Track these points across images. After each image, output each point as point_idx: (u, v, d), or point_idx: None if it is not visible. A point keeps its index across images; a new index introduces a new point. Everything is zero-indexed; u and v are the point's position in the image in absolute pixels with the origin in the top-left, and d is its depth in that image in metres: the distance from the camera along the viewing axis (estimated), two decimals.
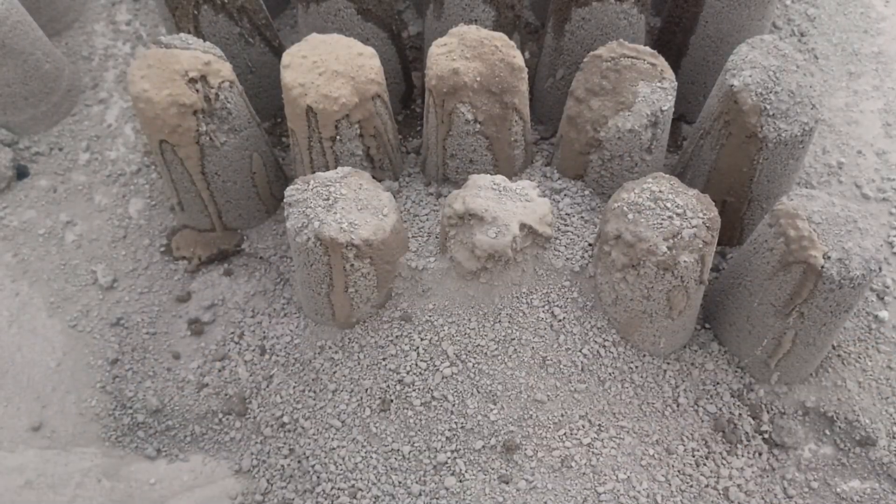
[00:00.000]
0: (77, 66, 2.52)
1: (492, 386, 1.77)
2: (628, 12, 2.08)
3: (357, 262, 1.71)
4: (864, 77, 2.46)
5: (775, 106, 1.81)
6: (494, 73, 1.88)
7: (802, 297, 1.66)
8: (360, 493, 1.72)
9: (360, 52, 1.91)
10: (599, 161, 1.97)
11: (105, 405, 2.00)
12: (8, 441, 1.94)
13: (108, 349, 2.06)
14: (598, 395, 1.79)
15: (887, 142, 2.33)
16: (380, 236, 1.71)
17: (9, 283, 2.17)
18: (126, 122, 2.43)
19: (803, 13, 2.59)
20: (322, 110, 1.85)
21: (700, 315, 1.93)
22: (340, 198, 1.72)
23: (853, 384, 1.88)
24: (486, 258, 1.75)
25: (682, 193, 1.70)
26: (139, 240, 2.22)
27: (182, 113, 1.87)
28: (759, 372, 1.87)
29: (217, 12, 2.14)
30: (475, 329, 1.80)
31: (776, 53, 1.88)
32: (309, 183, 1.75)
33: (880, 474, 1.82)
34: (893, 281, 2.05)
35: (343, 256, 1.68)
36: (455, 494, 1.71)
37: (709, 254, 1.67)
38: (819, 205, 1.67)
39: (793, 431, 1.84)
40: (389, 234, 1.73)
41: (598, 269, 1.81)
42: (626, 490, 1.71)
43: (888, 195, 2.22)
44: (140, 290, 2.14)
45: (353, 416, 1.78)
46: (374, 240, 1.70)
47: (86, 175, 2.34)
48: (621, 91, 1.89)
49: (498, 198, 1.78)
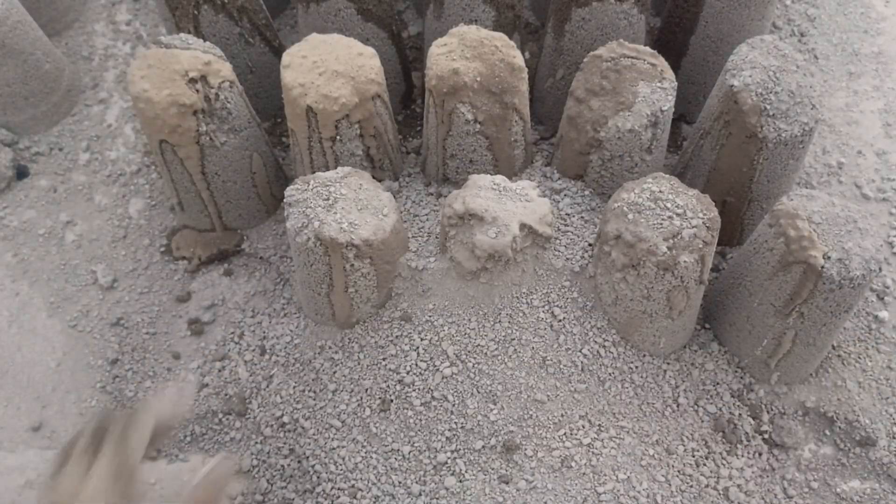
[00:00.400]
0: (77, 66, 2.52)
1: (492, 386, 1.77)
2: (628, 12, 2.07)
3: (357, 262, 1.71)
4: (864, 77, 2.46)
5: (775, 106, 1.81)
6: (494, 73, 1.87)
7: (802, 297, 1.66)
8: (360, 493, 1.72)
9: (360, 52, 1.91)
10: (599, 161, 1.97)
11: (105, 405, 2.00)
12: (8, 441, 1.94)
13: (108, 349, 2.06)
14: (598, 395, 1.79)
15: (887, 142, 2.33)
16: (380, 236, 1.71)
17: (9, 283, 2.17)
18: (126, 122, 2.43)
19: (803, 13, 2.59)
20: (322, 110, 1.85)
21: (700, 315, 1.93)
22: (340, 198, 1.72)
23: (853, 384, 1.88)
24: (486, 258, 1.75)
25: (682, 193, 1.70)
26: (139, 240, 2.22)
27: (182, 113, 1.87)
28: (759, 372, 1.87)
29: (217, 12, 2.14)
30: (475, 329, 1.80)
31: (776, 53, 1.87)
32: (309, 183, 1.75)
33: (880, 474, 1.82)
34: (893, 281, 2.05)
35: (343, 256, 1.68)
36: (455, 494, 1.71)
37: (709, 254, 1.67)
38: (819, 205, 1.67)
39: (793, 431, 1.84)
40: (389, 234, 1.73)
41: (598, 269, 1.81)
42: (626, 490, 1.71)
43: (888, 195, 2.22)
44: (140, 290, 2.14)
45: (353, 416, 1.78)
46: (374, 240, 1.70)
47: (86, 175, 2.34)
48: (621, 91, 1.89)
49: (498, 198, 1.77)
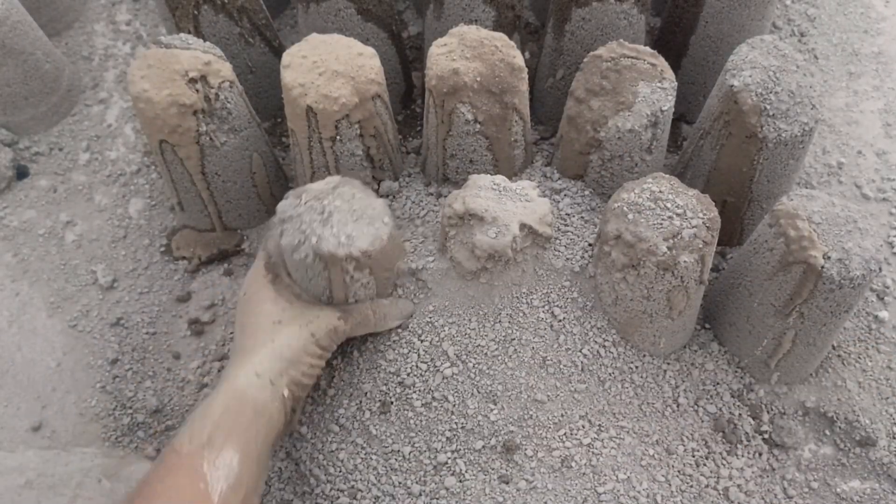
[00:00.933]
0: (77, 66, 2.51)
1: (492, 386, 1.77)
2: (628, 12, 2.07)
3: (357, 274, 1.71)
4: (864, 77, 2.46)
5: (775, 106, 1.81)
6: (494, 73, 1.87)
7: (802, 297, 1.66)
8: (360, 494, 1.72)
9: (360, 52, 1.91)
10: (599, 161, 1.96)
11: (105, 405, 1.99)
12: (8, 441, 1.94)
13: (108, 349, 2.06)
14: (598, 395, 1.79)
15: (887, 142, 2.33)
16: (377, 245, 1.70)
17: (9, 283, 2.16)
18: (126, 122, 2.43)
19: (803, 13, 2.59)
20: (322, 110, 1.85)
21: (700, 315, 1.93)
22: (335, 210, 1.70)
23: (853, 384, 1.88)
24: (486, 258, 1.74)
25: (682, 193, 1.69)
26: (139, 240, 2.22)
27: (182, 113, 1.87)
28: (759, 372, 1.87)
29: (217, 12, 2.14)
30: (475, 329, 1.80)
31: (776, 53, 1.87)
32: (301, 197, 1.72)
33: (880, 474, 1.81)
34: (893, 281, 2.05)
35: (343, 269, 1.68)
36: (455, 494, 1.71)
37: (709, 254, 1.67)
38: (819, 205, 1.67)
39: (793, 431, 1.84)
40: (387, 242, 1.73)
41: (598, 269, 1.81)
42: (626, 490, 1.71)
43: (888, 195, 2.22)
44: (140, 290, 2.14)
45: (352, 420, 1.78)
46: (373, 250, 1.69)
47: (86, 175, 2.34)
48: (621, 91, 1.89)
49: (498, 198, 1.77)
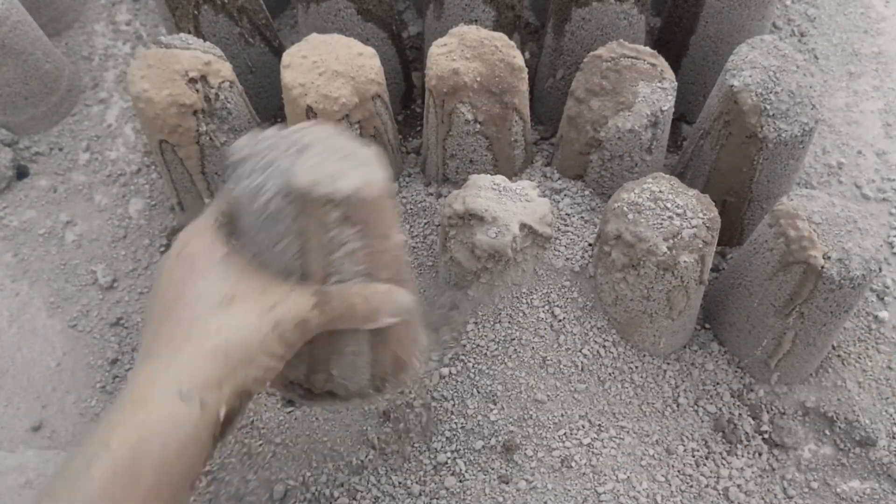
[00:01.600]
0: (77, 66, 2.51)
1: (492, 386, 1.77)
2: (628, 12, 2.07)
3: (341, 231, 1.10)
4: (864, 77, 2.46)
5: (775, 106, 1.81)
6: (494, 73, 1.87)
7: (802, 297, 1.66)
8: (360, 494, 1.72)
9: (360, 52, 1.91)
10: (599, 161, 1.96)
11: (105, 405, 1.99)
12: (8, 441, 1.94)
13: (108, 349, 2.06)
14: (598, 395, 1.79)
15: (887, 142, 2.32)
16: (371, 192, 1.08)
17: (9, 283, 2.16)
18: (126, 122, 2.43)
19: (803, 13, 2.59)
20: (322, 110, 1.85)
21: (700, 315, 1.93)
22: (314, 142, 1.08)
23: (853, 384, 1.88)
24: (487, 258, 1.74)
25: (682, 193, 1.69)
26: (139, 240, 2.22)
27: (182, 113, 1.87)
28: (759, 372, 1.87)
29: (217, 12, 2.14)
30: (475, 329, 1.80)
31: (776, 53, 1.87)
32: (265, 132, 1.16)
33: (880, 474, 1.81)
34: (893, 281, 2.05)
35: (321, 222, 1.05)
36: (455, 495, 1.70)
37: (709, 254, 1.67)
38: (819, 205, 1.67)
39: (793, 431, 1.83)
40: (383, 193, 1.13)
41: (598, 269, 1.81)
42: (626, 490, 1.71)
43: (888, 195, 2.22)
44: (140, 290, 2.14)
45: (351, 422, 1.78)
46: (364, 196, 1.08)
47: (86, 175, 2.34)
48: (621, 91, 1.89)
49: (498, 198, 1.77)
